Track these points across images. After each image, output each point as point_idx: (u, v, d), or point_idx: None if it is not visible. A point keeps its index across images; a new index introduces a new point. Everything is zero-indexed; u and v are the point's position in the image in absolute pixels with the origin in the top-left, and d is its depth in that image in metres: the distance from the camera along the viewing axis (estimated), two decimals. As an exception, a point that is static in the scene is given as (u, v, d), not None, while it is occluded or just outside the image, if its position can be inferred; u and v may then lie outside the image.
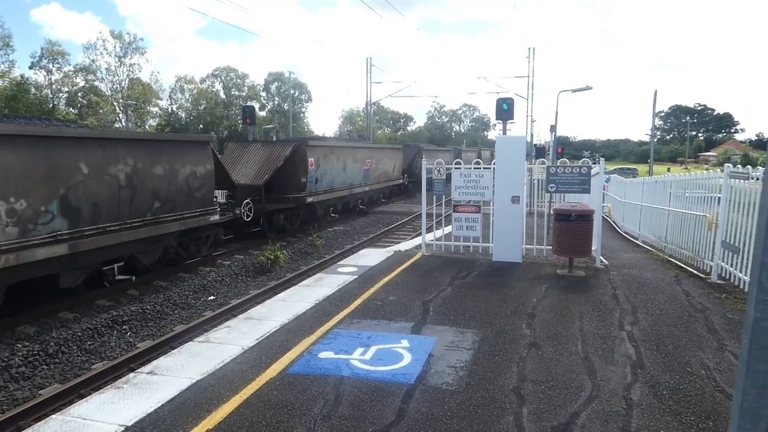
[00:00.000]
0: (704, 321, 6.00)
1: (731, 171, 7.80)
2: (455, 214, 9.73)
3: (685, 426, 3.68)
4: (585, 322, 5.92)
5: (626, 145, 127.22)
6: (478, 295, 7.11)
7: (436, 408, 3.95)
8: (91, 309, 9.11)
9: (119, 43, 62.39)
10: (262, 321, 6.16)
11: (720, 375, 4.51)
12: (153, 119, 68.73)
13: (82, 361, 7.40)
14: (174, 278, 11.33)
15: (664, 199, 10.86)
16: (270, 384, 4.41)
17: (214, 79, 77.87)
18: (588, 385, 4.30)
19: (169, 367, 4.83)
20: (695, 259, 8.96)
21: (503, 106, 16.85)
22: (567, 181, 8.87)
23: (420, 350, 5.14)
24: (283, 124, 70.07)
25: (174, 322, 9.00)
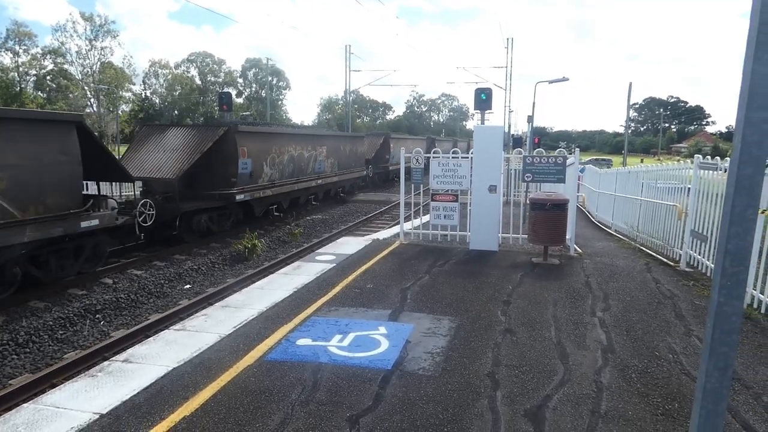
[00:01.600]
0: (672, 307, 6.20)
1: (700, 162, 8.02)
2: (433, 203, 9.80)
3: (652, 407, 3.81)
4: (558, 309, 6.06)
5: (601, 137, 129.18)
6: (455, 282, 7.20)
7: (412, 392, 4.02)
8: (62, 298, 8.95)
9: (90, 25, 60.74)
10: (239, 309, 6.15)
11: (686, 358, 4.68)
12: (126, 104, 67.22)
13: (54, 350, 7.28)
14: (149, 266, 11.18)
15: (637, 189, 11.11)
16: (248, 371, 4.42)
17: (190, 64, 76.53)
18: (560, 370, 4.42)
19: (144, 355, 4.80)
20: (665, 247, 9.21)
21: (481, 96, 16.91)
22: (543, 170, 9.00)
23: (397, 337, 5.20)
24: (261, 111, 69.24)
25: (149, 311, 8.90)
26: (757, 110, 2.36)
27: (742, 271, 2.49)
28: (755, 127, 2.38)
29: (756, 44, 2.31)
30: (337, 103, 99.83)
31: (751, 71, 2.34)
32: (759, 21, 2.30)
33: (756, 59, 2.32)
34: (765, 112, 2.36)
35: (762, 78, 2.33)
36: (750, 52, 2.34)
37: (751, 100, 2.36)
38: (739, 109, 2.42)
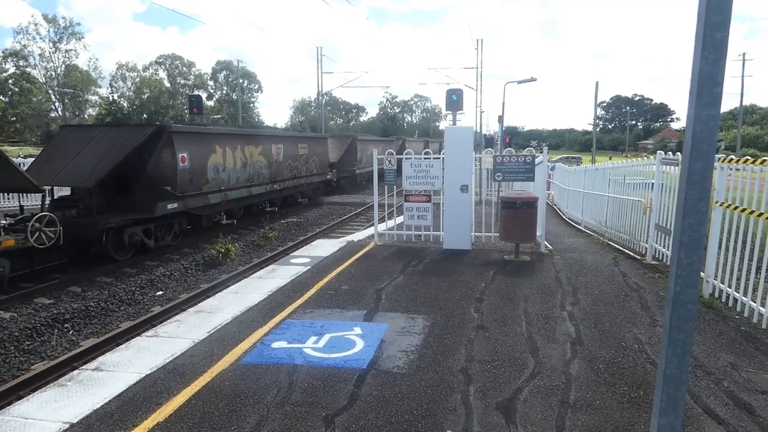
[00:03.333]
0: (639, 299, 6.39)
1: (663, 158, 8.28)
2: (406, 203, 9.88)
3: (618, 395, 3.94)
4: (529, 304, 6.19)
5: (571, 135, 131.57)
6: (429, 282, 7.29)
7: (387, 390, 4.07)
8: (28, 307, 8.73)
9: (53, 27, 59.19)
10: (213, 314, 6.11)
11: (651, 348, 4.84)
12: (92, 108, 65.68)
13: (21, 362, 7.10)
14: (119, 273, 10.98)
15: (604, 185, 11.39)
16: (222, 375, 4.40)
17: (158, 66, 75.17)
18: (531, 363, 4.53)
19: (116, 362, 4.73)
20: (632, 242, 9.47)
21: (453, 97, 17.16)
22: (513, 170, 9.17)
23: (372, 336, 5.25)
24: (233, 114, 68.49)
25: (120, 319, 8.75)
26: (705, 107, 2.48)
27: (696, 261, 2.61)
28: (704, 123, 2.50)
29: (702, 44, 2.44)
30: (309, 105, 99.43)
31: (699, 70, 2.47)
32: (705, 23, 2.42)
33: (703, 58, 2.45)
34: (713, 109, 2.49)
35: (709, 77, 2.46)
36: (697, 51, 2.46)
37: (700, 97, 2.48)
38: (689, 107, 2.55)
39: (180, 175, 13.01)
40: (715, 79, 2.45)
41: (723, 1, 2.40)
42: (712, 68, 2.44)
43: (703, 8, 2.42)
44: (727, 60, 2.49)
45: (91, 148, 12.05)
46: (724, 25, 2.42)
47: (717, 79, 2.45)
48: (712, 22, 2.41)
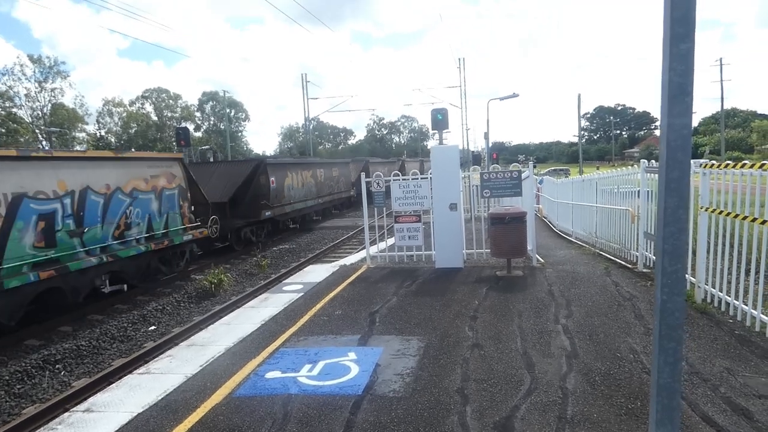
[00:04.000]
0: (632, 308, 6.40)
1: (646, 167, 8.37)
2: (397, 224, 9.89)
3: (615, 408, 3.92)
4: (524, 320, 6.17)
5: (558, 147, 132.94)
6: (423, 302, 7.26)
7: (383, 416, 4.01)
8: (19, 350, 8.58)
9: (39, 67, 59.43)
10: (205, 347, 6.03)
11: (646, 357, 4.83)
12: (80, 145, 65.62)
13: (12, 406, 6.94)
14: (110, 310, 10.85)
15: (592, 196, 11.48)
16: (216, 409, 4.33)
17: (145, 100, 75.43)
18: (527, 379, 4.50)
19: (107, 402, 4.65)
20: (623, 251, 9.51)
21: (438, 116, 17.28)
22: (500, 185, 9.23)
23: (367, 361, 5.20)
24: (221, 144, 68.66)
25: (112, 357, 8.61)
26: (677, 116, 2.53)
27: (680, 268, 2.62)
28: (677, 132, 2.54)
29: (670, 56, 2.49)
30: (297, 131, 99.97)
31: (668, 81, 2.52)
32: (670, 35, 2.48)
33: (671, 70, 2.50)
34: (685, 118, 2.53)
35: (678, 87, 2.50)
36: (666, 63, 2.52)
37: (671, 107, 2.53)
38: (662, 117, 2.59)
39: (272, 192, 19.27)
40: (685, 89, 2.50)
41: (686, 14, 2.46)
42: (680, 79, 2.49)
43: (668, 21, 2.49)
44: (706, 66, 2.55)
45: (218, 176, 18.26)
46: (689, 36, 2.47)
47: (686, 89, 2.50)
48: (677, 34, 2.47)
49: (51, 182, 9.49)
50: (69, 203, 9.82)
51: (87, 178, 10.32)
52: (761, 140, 56.56)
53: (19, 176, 8.93)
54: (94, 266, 10.31)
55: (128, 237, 11.31)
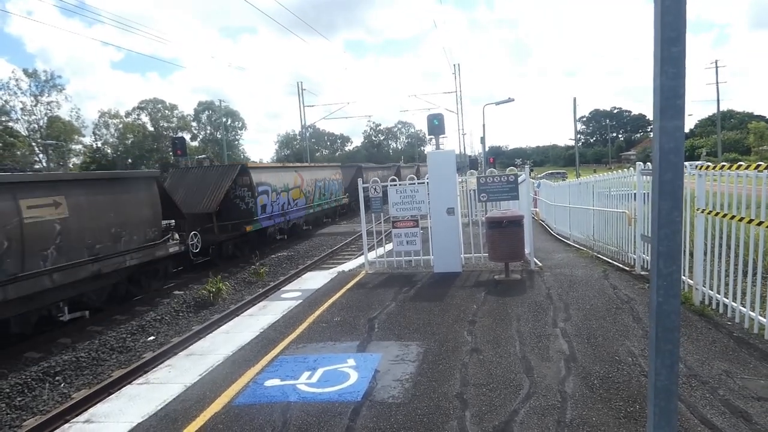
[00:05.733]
0: (630, 311, 6.40)
1: (642, 169, 8.40)
2: (395, 230, 9.90)
3: (614, 411, 3.92)
4: (522, 323, 6.18)
5: (554, 151, 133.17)
6: (421, 307, 7.26)
7: (383, 422, 4.01)
8: (18, 363, 8.55)
9: (34, 81, 59.57)
10: (204, 356, 6.02)
11: (644, 360, 4.83)
12: (76, 157, 65.65)
13: (12, 419, 6.92)
14: (109, 321, 10.82)
15: (588, 199, 11.51)
16: (215, 418, 4.32)
17: (141, 111, 75.51)
18: (526, 383, 4.50)
19: (106, 413, 4.64)
20: (620, 253, 9.53)
21: (434, 122, 17.26)
22: (497, 189, 9.25)
23: (366, 367, 5.19)
24: (217, 152, 68.72)
25: (112, 368, 8.58)
26: (669, 119, 2.55)
27: (676, 270, 2.63)
28: (670, 135, 2.56)
29: (661, 59, 2.52)
30: (294, 139, 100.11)
31: (660, 85, 2.54)
32: (660, 39, 2.51)
33: (663, 73, 2.53)
34: (677, 121, 2.55)
35: (669, 90, 2.53)
36: (657, 67, 2.54)
37: (663, 111, 2.55)
38: (654, 120, 2.61)
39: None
40: (677, 91, 2.52)
41: (676, 18, 2.49)
42: (672, 82, 2.51)
43: (658, 25, 2.51)
44: (701, 68, 2.58)
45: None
46: (680, 39, 2.50)
47: (678, 92, 2.52)
48: (668, 38, 2.49)
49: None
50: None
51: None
52: (758, 141, 56.81)
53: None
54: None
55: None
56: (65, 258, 9.79)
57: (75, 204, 10.16)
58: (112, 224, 11.15)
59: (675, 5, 2.51)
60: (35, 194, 9.38)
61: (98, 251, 10.65)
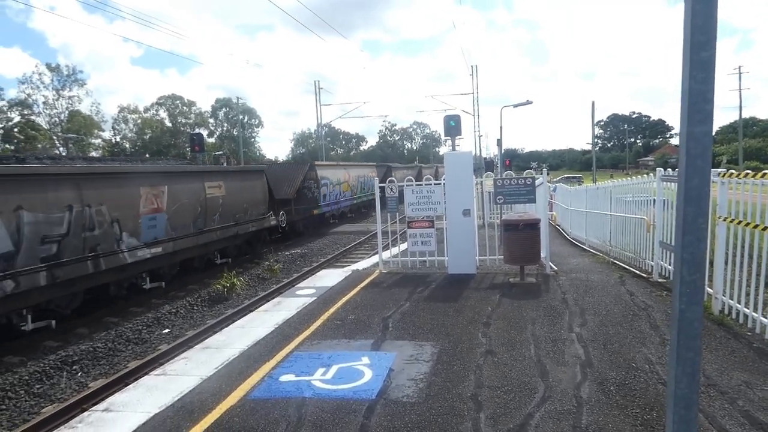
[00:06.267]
0: (647, 318, 6.34)
1: (662, 175, 8.32)
2: (410, 230, 9.91)
3: (631, 418, 3.89)
4: (537, 327, 6.15)
5: (571, 155, 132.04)
6: (436, 308, 7.25)
7: (397, 421, 4.02)
8: (37, 351, 8.71)
9: (57, 75, 60.55)
10: (220, 349, 6.09)
11: (662, 368, 4.78)
12: (95, 151, 66.62)
13: (31, 405, 7.05)
14: (125, 313, 10.97)
15: (606, 204, 11.40)
16: (231, 411, 4.37)
17: (159, 107, 76.38)
18: (541, 387, 4.48)
19: (125, 402, 4.71)
20: (637, 260, 9.43)
21: (450, 123, 17.23)
22: (513, 192, 9.21)
23: (380, 366, 5.21)
24: (234, 149, 69.25)
25: (128, 359, 8.70)
26: (697, 125, 2.52)
27: (699, 278, 2.60)
28: (697, 141, 2.54)
29: (690, 64, 2.49)
30: (310, 137, 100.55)
31: (689, 89, 2.51)
32: (690, 43, 2.49)
33: (691, 78, 2.50)
34: (705, 126, 2.53)
35: (699, 95, 2.50)
36: (686, 71, 2.52)
37: (691, 116, 2.53)
38: (681, 125, 2.58)
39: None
40: (705, 96, 2.50)
41: (707, 21, 2.46)
42: (701, 86, 2.49)
43: (688, 29, 2.49)
44: (724, 74, 2.56)
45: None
46: (710, 43, 2.47)
47: (707, 97, 2.50)
48: (698, 42, 2.47)
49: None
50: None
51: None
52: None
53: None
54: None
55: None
56: (222, 222, 15.01)
57: (228, 187, 15.42)
58: (244, 202, 16.42)
59: (706, 8, 2.48)
60: (211, 180, 14.72)
61: (237, 219, 15.84)
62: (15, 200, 8.65)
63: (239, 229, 15.80)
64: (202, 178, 14.31)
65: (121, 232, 10.98)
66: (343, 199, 28.03)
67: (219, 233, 14.67)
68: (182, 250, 13.08)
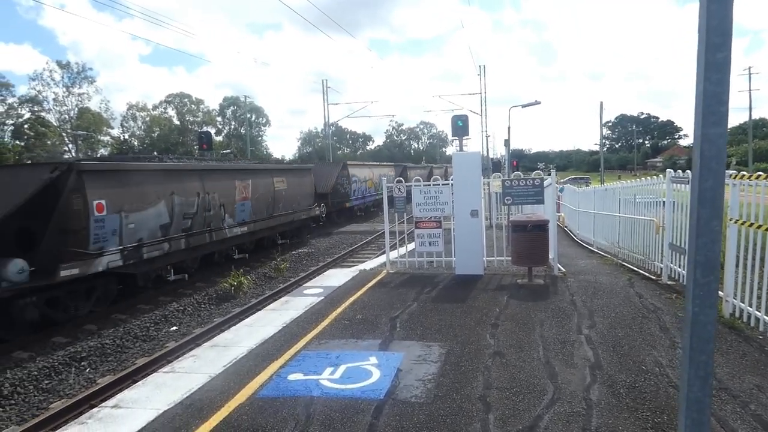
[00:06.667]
0: (657, 321, 6.30)
1: (672, 176, 8.26)
2: (417, 230, 9.90)
3: (641, 421, 3.87)
4: (545, 329, 6.12)
5: (578, 155, 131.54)
6: (443, 308, 7.24)
7: (405, 421, 4.02)
8: (46, 346, 8.78)
9: (66, 72, 61.00)
10: (228, 348, 6.11)
11: (672, 371, 4.75)
12: (104, 148, 67.06)
13: (40, 400, 7.11)
14: (133, 310, 11.04)
15: (614, 205, 11.34)
16: (240, 409, 4.38)
17: (168, 105, 76.77)
18: (550, 389, 4.46)
19: (134, 399, 4.74)
20: (646, 262, 9.38)
21: (458, 123, 17.25)
22: (522, 193, 9.18)
23: (388, 366, 5.21)
24: (241, 148, 69.48)
25: (136, 355, 8.75)
26: (712, 126, 2.50)
27: (713, 280, 2.58)
28: (712, 142, 2.52)
29: (705, 65, 2.47)
30: (317, 136, 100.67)
31: (703, 91, 2.49)
32: (705, 44, 2.46)
33: (706, 79, 2.48)
34: (720, 128, 2.51)
35: (713, 96, 2.48)
36: (700, 73, 2.50)
37: (706, 117, 2.51)
38: (696, 127, 2.56)
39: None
40: (720, 98, 2.48)
41: (723, 23, 2.44)
42: (716, 88, 2.47)
43: (704, 30, 2.47)
44: (733, 75, 2.52)
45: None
46: (725, 45, 2.45)
47: (722, 98, 2.48)
48: (713, 43, 2.45)
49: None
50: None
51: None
52: (790, 151, 55.25)
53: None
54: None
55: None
56: (284, 210, 18.67)
57: (288, 181, 19.10)
58: (298, 194, 19.94)
59: (721, 9, 2.46)
60: (278, 176, 18.52)
61: (293, 208, 19.43)
62: (170, 188, 12.52)
63: (295, 216, 19.49)
64: (272, 174, 18.18)
65: (224, 213, 14.75)
66: (368, 194, 31.70)
67: (282, 218, 18.47)
68: (259, 230, 16.85)
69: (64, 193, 9.76)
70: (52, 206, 9.72)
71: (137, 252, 11.22)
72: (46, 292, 9.44)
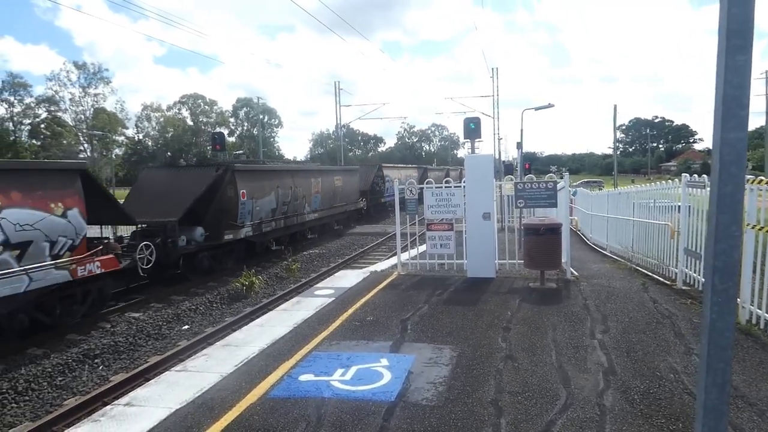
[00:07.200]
0: (671, 326, 6.22)
1: (688, 181, 8.16)
2: (429, 232, 9.87)
3: (656, 428, 3.82)
4: (558, 333, 6.07)
5: (591, 159, 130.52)
6: (455, 311, 7.22)
7: (416, 424, 4.00)
8: (60, 344, 8.89)
9: (83, 73, 61.84)
10: (240, 347, 6.13)
11: (687, 378, 4.69)
12: (119, 148, 67.84)
13: (54, 397, 7.20)
14: (146, 308, 11.13)
15: (628, 209, 11.24)
16: (251, 409, 4.40)
17: (182, 106, 77.49)
18: (563, 394, 4.42)
19: (147, 397, 4.77)
20: (661, 266, 9.27)
21: (470, 125, 17.17)
22: (534, 196, 9.13)
23: (399, 368, 5.20)
24: (253, 149, 69.90)
25: (148, 353, 8.83)
26: (731, 131, 2.46)
27: (731, 287, 2.54)
28: (731, 146, 2.48)
29: (725, 68, 2.44)
30: (328, 138, 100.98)
31: (723, 94, 2.46)
32: (726, 47, 2.43)
33: (726, 82, 2.45)
34: (740, 132, 2.47)
35: (733, 100, 2.44)
36: (720, 76, 2.46)
37: (725, 121, 2.47)
38: (715, 131, 2.53)
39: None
40: (740, 102, 2.44)
41: (744, 25, 2.41)
42: (736, 92, 2.43)
43: (724, 32, 2.43)
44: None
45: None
46: (746, 48, 2.42)
47: (742, 102, 2.44)
48: (734, 46, 2.41)
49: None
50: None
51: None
52: (807, 157, 54.32)
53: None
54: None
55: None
56: (340, 202, 23.57)
57: (344, 180, 24.27)
58: (349, 190, 25.18)
59: (742, 12, 2.43)
60: (336, 175, 23.64)
61: (345, 201, 24.43)
62: (276, 183, 17.35)
63: (347, 207, 24.57)
64: (333, 174, 23.31)
65: (305, 203, 19.66)
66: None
67: (339, 209, 23.45)
68: (324, 217, 21.75)
69: (223, 185, 14.37)
70: (213, 194, 13.99)
71: (259, 227, 15.95)
72: (211, 250, 14.01)
